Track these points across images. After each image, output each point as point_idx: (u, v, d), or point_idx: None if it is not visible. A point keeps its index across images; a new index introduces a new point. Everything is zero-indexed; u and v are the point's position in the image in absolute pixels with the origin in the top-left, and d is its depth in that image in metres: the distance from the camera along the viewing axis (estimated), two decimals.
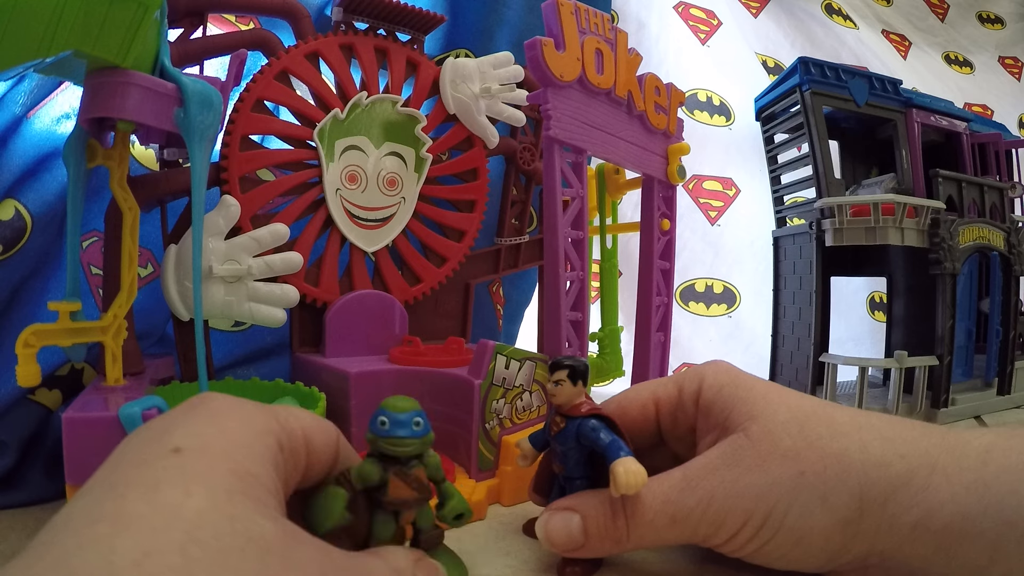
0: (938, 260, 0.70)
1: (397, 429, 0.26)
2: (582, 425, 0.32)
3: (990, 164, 0.85)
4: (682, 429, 0.34)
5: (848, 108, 0.76)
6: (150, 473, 0.18)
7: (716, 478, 0.28)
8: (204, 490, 0.18)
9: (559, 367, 0.33)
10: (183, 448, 0.19)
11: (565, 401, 0.33)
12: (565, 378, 0.32)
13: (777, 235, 0.86)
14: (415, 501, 0.27)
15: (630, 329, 0.62)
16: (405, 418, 0.27)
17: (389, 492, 0.27)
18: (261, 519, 0.18)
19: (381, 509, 0.27)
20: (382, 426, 0.27)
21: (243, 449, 0.20)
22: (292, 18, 0.52)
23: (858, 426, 0.28)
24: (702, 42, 1.17)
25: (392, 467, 0.27)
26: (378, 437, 0.27)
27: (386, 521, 0.27)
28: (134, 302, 0.40)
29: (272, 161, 0.51)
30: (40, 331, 0.36)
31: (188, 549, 0.16)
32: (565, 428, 0.33)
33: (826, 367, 0.72)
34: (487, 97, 0.57)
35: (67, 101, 0.51)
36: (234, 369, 0.58)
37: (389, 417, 0.27)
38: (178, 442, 0.19)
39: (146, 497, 0.17)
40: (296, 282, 0.50)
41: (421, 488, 0.27)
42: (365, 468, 0.26)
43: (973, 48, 1.52)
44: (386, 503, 0.27)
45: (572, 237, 0.48)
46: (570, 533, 0.30)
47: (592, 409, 0.32)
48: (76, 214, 0.40)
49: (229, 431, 0.21)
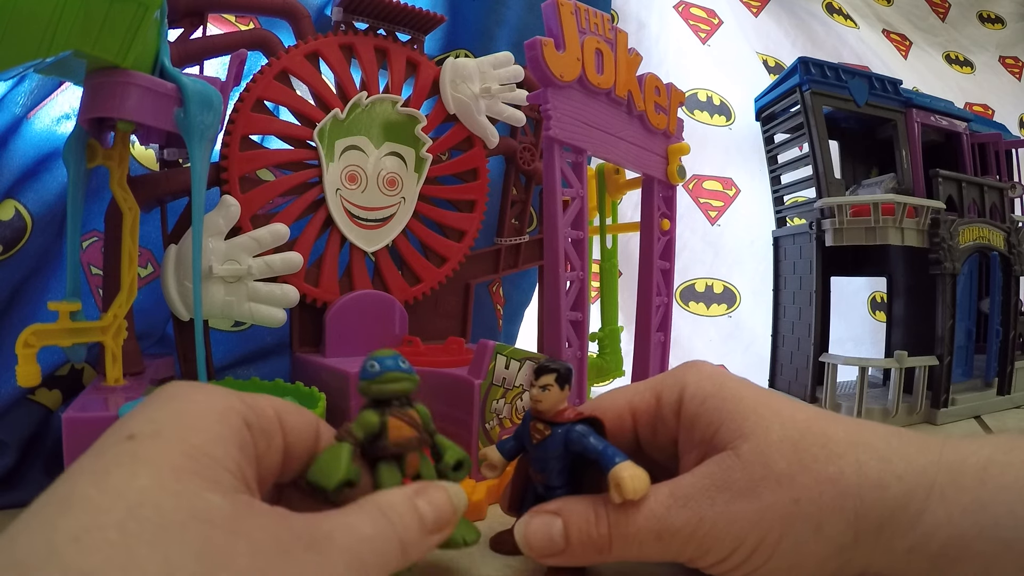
0: (938, 260, 0.70)
1: (386, 363, 0.28)
2: (570, 432, 0.30)
3: (990, 164, 0.85)
4: (662, 440, 0.32)
5: (848, 108, 0.76)
6: (102, 460, 0.19)
7: (705, 500, 0.27)
8: (150, 470, 0.18)
9: (546, 371, 0.31)
10: (136, 434, 0.20)
11: (550, 407, 0.31)
12: (553, 382, 0.31)
13: (777, 235, 0.86)
14: (417, 440, 0.28)
15: (630, 329, 0.62)
16: (392, 358, 0.28)
17: (390, 434, 0.27)
18: (209, 494, 0.18)
19: (384, 460, 0.27)
20: (372, 368, 0.28)
21: (199, 432, 0.20)
22: (292, 18, 0.52)
23: (854, 443, 0.27)
24: (702, 41, 1.17)
25: (389, 410, 0.28)
26: (371, 381, 0.28)
27: (390, 470, 0.27)
28: (134, 302, 0.40)
29: (272, 161, 0.51)
30: (40, 331, 0.36)
31: (127, 525, 0.16)
32: (550, 436, 0.31)
33: (826, 367, 0.72)
34: (487, 97, 0.57)
35: (67, 101, 0.51)
36: (234, 369, 0.58)
37: (378, 361, 0.28)
38: (133, 429, 0.20)
39: (95, 482, 0.18)
40: (296, 282, 0.50)
41: (419, 427, 0.28)
42: (364, 415, 0.27)
43: (974, 48, 1.52)
44: (390, 447, 0.27)
45: (572, 237, 0.48)
46: (551, 537, 0.29)
47: (578, 414, 0.31)
48: (76, 214, 0.40)
49: (185, 414, 0.21)
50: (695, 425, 0.30)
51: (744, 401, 0.29)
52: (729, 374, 0.31)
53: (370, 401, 0.28)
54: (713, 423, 0.29)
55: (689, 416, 0.30)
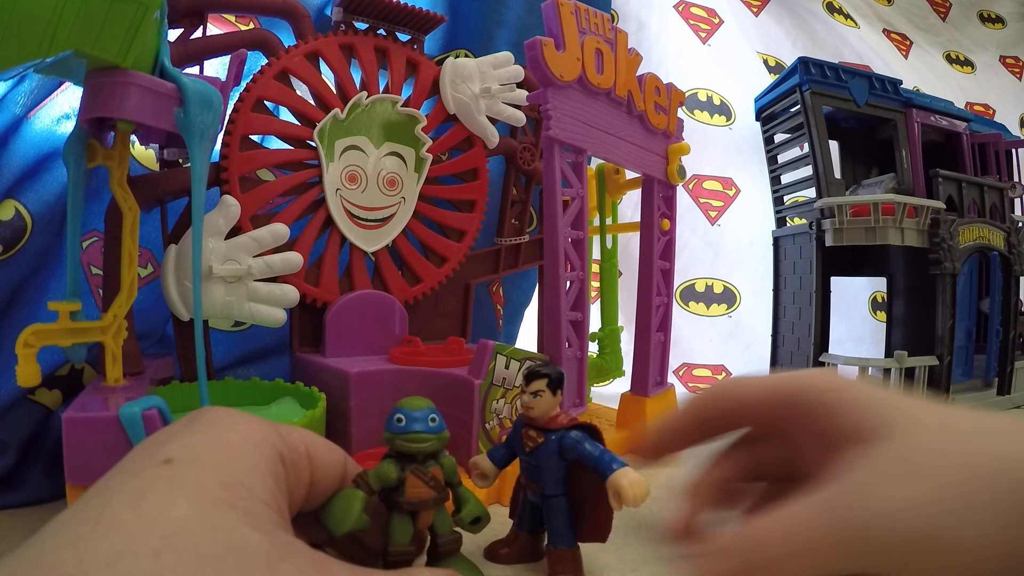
0: (938, 260, 0.70)
1: (414, 424, 0.27)
2: (564, 438, 0.30)
3: (990, 164, 0.85)
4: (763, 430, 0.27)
5: (848, 108, 0.76)
6: (138, 482, 0.18)
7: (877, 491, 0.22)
8: (188, 500, 0.18)
9: (536, 376, 0.30)
10: (174, 459, 0.19)
11: (543, 414, 0.30)
12: (544, 388, 0.30)
13: (777, 235, 0.86)
14: (433, 501, 0.27)
15: (630, 329, 0.62)
16: (421, 415, 0.27)
17: (407, 491, 0.26)
18: (246, 529, 0.18)
19: (398, 511, 0.27)
20: (399, 423, 0.27)
21: (237, 461, 0.20)
22: (292, 18, 0.52)
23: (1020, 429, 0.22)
24: (703, 41, 1.17)
25: (409, 466, 0.27)
26: (395, 435, 0.27)
27: (403, 523, 0.27)
28: (134, 302, 0.40)
29: (272, 161, 0.51)
30: (40, 331, 0.36)
31: (162, 554, 0.16)
32: (544, 443, 0.30)
33: (826, 367, 0.72)
34: (487, 97, 0.57)
35: (67, 101, 0.51)
36: (234, 369, 0.58)
37: (406, 414, 0.27)
38: (171, 453, 0.19)
39: (130, 504, 0.17)
40: (296, 282, 0.50)
41: (439, 487, 0.27)
42: (383, 467, 0.26)
43: (974, 48, 1.52)
44: (404, 503, 0.26)
45: (572, 237, 0.48)
46: None
47: (571, 420, 0.30)
48: (76, 214, 0.40)
49: (224, 442, 0.21)
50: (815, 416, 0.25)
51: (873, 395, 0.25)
52: None
53: (393, 451, 0.27)
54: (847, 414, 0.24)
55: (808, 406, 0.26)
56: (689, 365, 1.00)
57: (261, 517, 0.19)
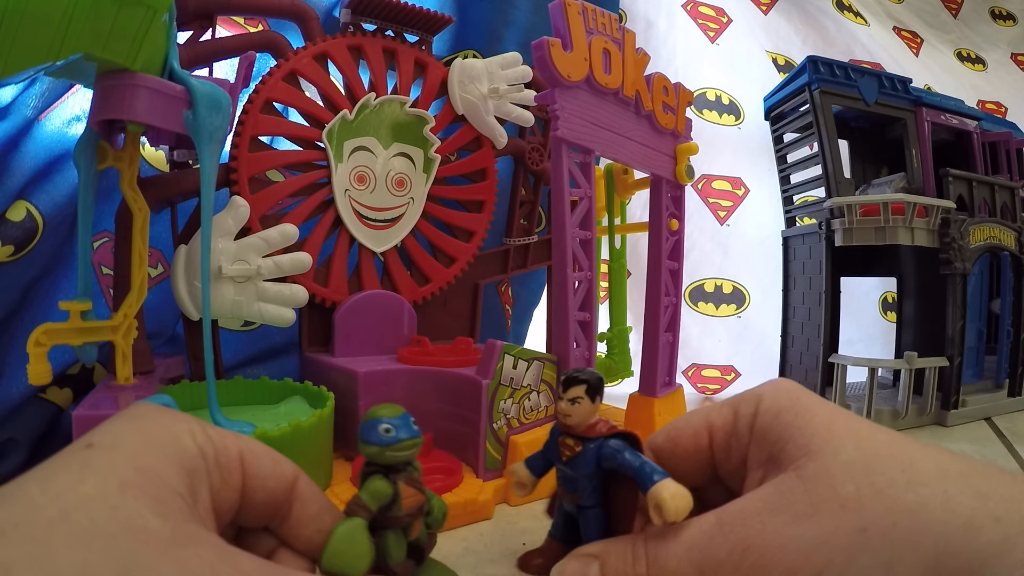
0: (948, 260, 0.70)
1: (401, 432, 0.26)
2: (603, 447, 0.28)
3: (1001, 163, 0.85)
4: (735, 462, 0.28)
5: (857, 107, 0.76)
6: (58, 464, 0.19)
7: (755, 525, 0.23)
8: (97, 480, 0.19)
9: (575, 382, 0.28)
10: (95, 444, 0.20)
11: (580, 421, 0.29)
12: (583, 394, 0.28)
13: (787, 235, 0.85)
14: (424, 505, 0.27)
15: (639, 329, 0.62)
16: (402, 421, 0.26)
17: (403, 503, 0.25)
18: (150, 514, 0.18)
19: (391, 528, 0.26)
20: (387, 433, 0.25)
21: (155, 451, 0.21)
22: (300, 20, 0.52)
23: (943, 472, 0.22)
24: (711, 40, 1.17)
25: (397, 476, 0.26)
26: (386, 447, 0.25)
27: (397, 539, 0.26)
28: (144, 302, 0.40)
29: (281, 162, 0.51)
30: (51, 330, 0.36)
31: (56, 526, 0.17)
32: (582, 452, 0.29)
33: (835, 368, 0.72)
34: (495, 97, 0.57)
35: (78, 104, 0.51)
36: (244, 368, 0.59)
37: (392, 423, 0.26)
38: (94, 439, 0.20)
39: (40, 480, 0.18)
40: (305, 282, 0.50)
41: (423, 491, 0.27)
42: (376, 485, 0.25)
43: (986, 45, 1.50)
44: (403, 517, 0.25)
45: (580, 237, 0.48)
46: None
47: (611, 428, 0.29)
48: (87, 215, 0.40)
49: (145, 433, 0.21)
50: (764, 440, 0.27)
51: (817, 417, 0.25)
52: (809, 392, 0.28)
53: (376, 466, 0.26)
54: (781, 438, 0.26)
55: (760, 430, 0.27)
56: (698, 365, 0.99)
57: (171, 506, 0.19)
